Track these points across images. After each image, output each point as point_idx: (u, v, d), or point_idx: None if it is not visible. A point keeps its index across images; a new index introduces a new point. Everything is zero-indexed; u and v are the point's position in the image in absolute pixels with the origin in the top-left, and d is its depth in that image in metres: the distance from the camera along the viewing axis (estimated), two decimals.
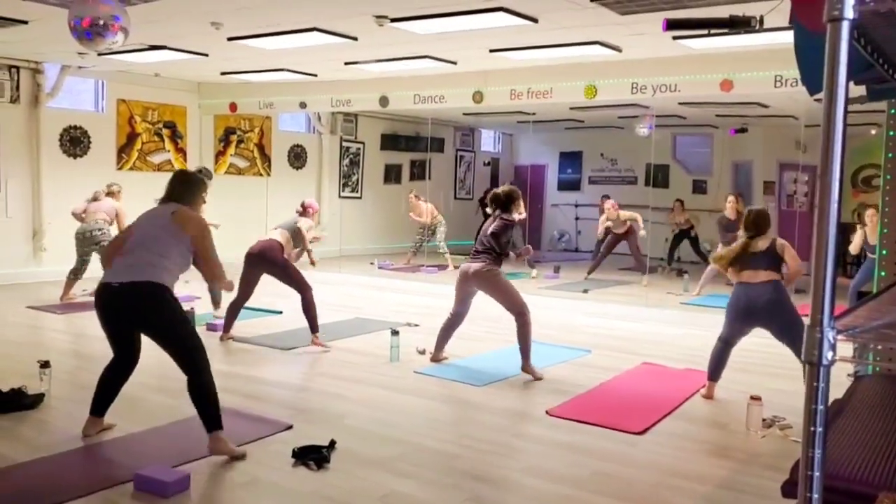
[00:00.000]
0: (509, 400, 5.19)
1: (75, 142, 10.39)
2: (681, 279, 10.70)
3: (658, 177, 14.37)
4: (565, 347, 6.79)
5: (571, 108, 11.68)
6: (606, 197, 12.11)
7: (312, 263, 7.08)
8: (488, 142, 17.81)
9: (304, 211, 6.93)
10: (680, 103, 10.57)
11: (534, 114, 12.51)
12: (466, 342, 6.57)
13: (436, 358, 6.10)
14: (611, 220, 11.26)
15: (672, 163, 15.33)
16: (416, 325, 7.56)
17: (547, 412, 4.83)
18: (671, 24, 4.37)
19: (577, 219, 16.43)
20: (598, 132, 15.64)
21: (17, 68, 9.61)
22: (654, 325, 8.08)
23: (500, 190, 5.98)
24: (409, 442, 4.23)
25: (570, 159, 16.96)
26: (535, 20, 6.53)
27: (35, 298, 8.59)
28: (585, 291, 10.02)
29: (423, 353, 6.29)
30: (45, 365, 4.91)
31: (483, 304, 5.92)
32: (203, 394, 3.82)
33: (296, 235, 6.67)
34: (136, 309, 3.87)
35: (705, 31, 6.12)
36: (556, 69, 8.67)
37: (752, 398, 4.60)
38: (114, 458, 3.96)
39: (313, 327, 6.45)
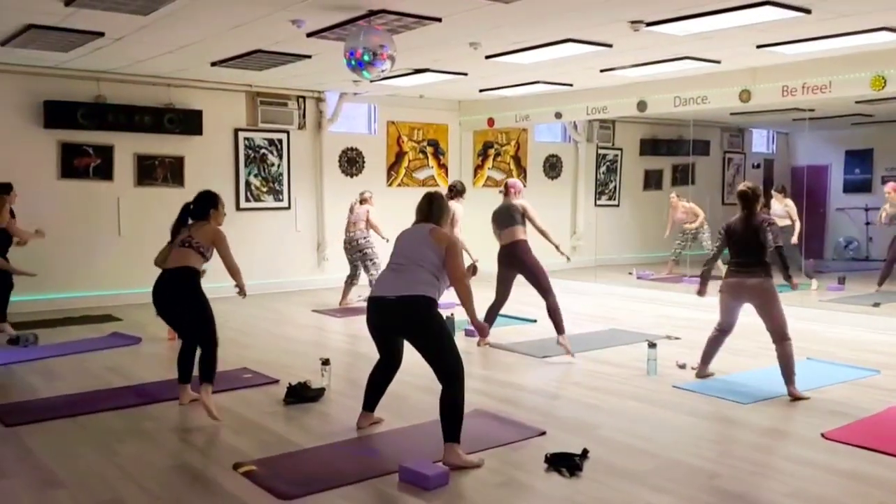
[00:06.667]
0: (779, 420, 4.80)
1: (351, 162, 11.43)
2: None
3: None
4: (848, 366, 6.12)
5: (857, 102, 10.52)
6: (891, 178, 10.44)
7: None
8: (760, 142, 16.60)
9: (507, 191, 6.86)
10: None
11: (812, 110, 11.46)
12: (734, 357, 6.18)
13: (701, 374, 5.77)
14: (890, 203, 9.89)
15: None
16: (677, 339, 7.24)
17: (823, 435, 4.39)
18: None
19: (867, 224, 14.73)
20: (893, 127, 13.92)
21: (304, 98, 10.79)
22: None
23: (744, 186, 5.54)
24: (665, 457, 4.07)
25: (859, 158, 15.27)
26: (807, 11, 6.01)
27: (319, 303, 9.56)
28: (876, 305, 8.95)
29: (683, 367, 6.01)
30: (325, 362, 5.44)
31: (757, 317, 5.51)
32: (452, 406, 3.93)
33: (524, 217, 6.70)
34: (407, 320, 4.11)
35: None
36: (834, 61, 7.89)
37: None
38: (382, 449, 4.28)
39: (559, 329, 6.50)
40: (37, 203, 8.31)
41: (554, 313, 6.51)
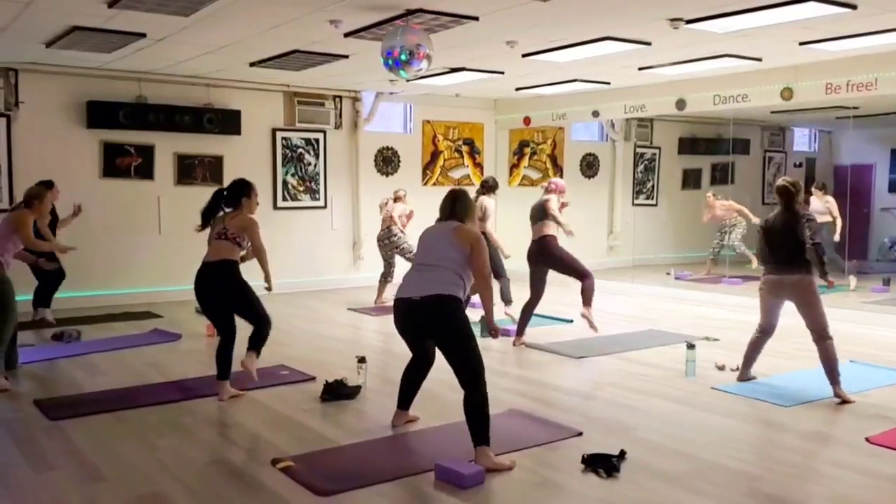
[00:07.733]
0: (821, 423, 4.71)
1: (387, 161, 11.48)
2: None
3: None
4: (893, 369, 5.98)
5: None
6: None
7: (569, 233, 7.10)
8: (802, 141, 16.28)
9: (548, 188, 6.98)
10: None
11: (856, 108, 11.21)
12: (773, 359, 6.06)
13: (743, 377, 5.66)
14: None
15: None
16: (716, 340, 7.14)
17: (867, 439, 4.30)
18: None
19: None
20: None
21: (340, 98, 10.85)
22: None
23: (784, 181, 5.41)
24: (705, 459, 4.02)
25: None
26: (852, 6, 5.87)
27: (354, 301, 9.60)
28: None
29: (722, 368, 5.93)
30: (361, 360, 5.47)
31: (794, 318, 5.42)
32: (476, 409, 3.91)
33: (546, 214, 6.81)
34: (431, 320, 4.10)
35: None
36: (881, 57, 7.71)
37: None
38: (417, 448, 4.30)
39: (587, 301, 6.71)
40: (79, 201, 8.47)
41: (587, 290, 6.60)
